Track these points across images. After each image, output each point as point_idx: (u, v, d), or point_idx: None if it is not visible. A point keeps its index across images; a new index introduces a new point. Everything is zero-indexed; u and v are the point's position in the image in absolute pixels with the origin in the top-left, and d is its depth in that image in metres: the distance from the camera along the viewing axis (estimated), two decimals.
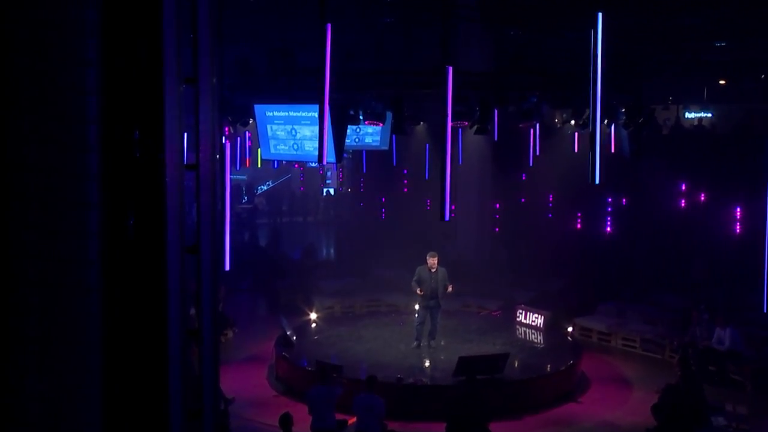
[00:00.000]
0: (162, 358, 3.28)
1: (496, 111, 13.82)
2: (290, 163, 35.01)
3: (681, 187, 17.27)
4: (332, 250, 26.25)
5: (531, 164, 17.07)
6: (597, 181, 7.77)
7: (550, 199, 19.74)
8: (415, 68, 14.84)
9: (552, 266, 17.97)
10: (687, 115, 23.60)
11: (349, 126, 12.67)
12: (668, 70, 17.53)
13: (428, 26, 15.97)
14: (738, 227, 16.08)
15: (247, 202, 36.12)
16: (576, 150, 16.03)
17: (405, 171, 21.98)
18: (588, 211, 18.81)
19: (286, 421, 8.96)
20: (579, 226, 19.09)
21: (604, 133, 13.48)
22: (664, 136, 19.85)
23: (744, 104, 20.86)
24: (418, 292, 12.47)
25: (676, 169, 17.13)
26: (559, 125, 16.28)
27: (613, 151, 13.93)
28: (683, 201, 17.29)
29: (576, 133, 15.87)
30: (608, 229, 18.38)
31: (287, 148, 13.31)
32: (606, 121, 12.88)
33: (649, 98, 13.38)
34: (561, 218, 19.29)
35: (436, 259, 12.55)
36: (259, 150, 14.65)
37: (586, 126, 13.07)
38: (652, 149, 15.28)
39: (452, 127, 9.98)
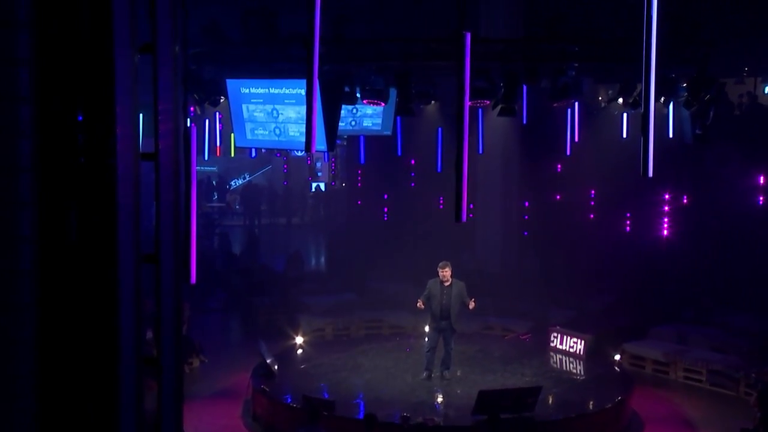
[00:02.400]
0: (111, 393, 3.25)
1: (525, 87, 13.79)
2: (271, 151, 35.14)
3: (758, 180, 17.22)
4: (323, 260, 26.23)
5: (568, 153, 17.04)
6: (650, 174, 7.73)
7: (592, 195, 19.70)
8: (425, 35, 14.81)
9: (594, 279, 17.93)
10: (767, 90, 23.47)
11: (343, 106, 12.65)
12: (743, 34, 17.39)
13: None
14: None
15: (218, 200, 36.16)
16: (625, 135, 16.00)
17: (412, 161, 21.96)
18: (639, 211, 18.77)
19: None
20: (628, 229, 19.05)
21: (661, 114, 13.44)
22: (737, 116, 19.77)
23: None
24: (419, 305, 12.47)
25: (752, 158, 17.07)
26: (603, 104, 16.24)
27: (671, 136, 13.90)
28: (761, 198, 17.24)
29: (625, 114, 15.84)
30: (665, 233, 18.34)
31: (267, 133, 13.30)
32: (663, 98, 12.84)
33: (717, 69, 13.29)
34: (606, 220, 19.25)
35: (448, 270, 12.52)
36: (232, 136, 14.63)
37: (637, 105, 13.06)
38: (722, 133, 15.23)
39: (471, 108, 9.95)
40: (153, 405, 3.57)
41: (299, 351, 14.67)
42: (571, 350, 14.27)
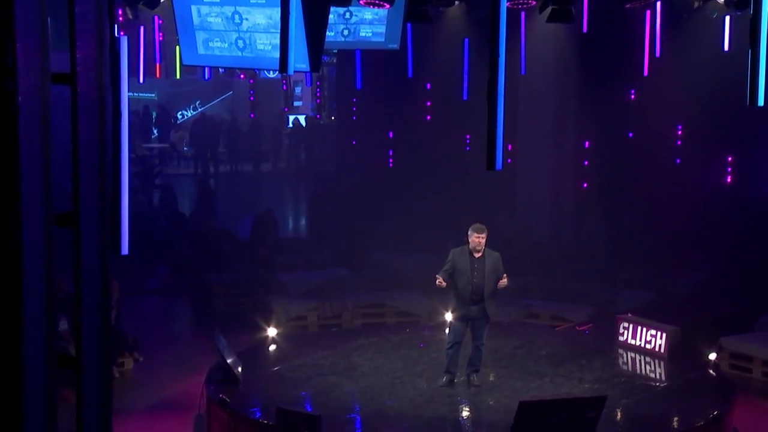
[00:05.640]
0: (11, 408, 3.27)
1: None
2: (232, 72, 34.97)
3: None
4: (304, 222, 26.27)
5: (646, 74, 16.97)
6: (761, 102, 7.71)
7: (679, 133, 19.66)
8: None
9: (681, 249, 17.94)
10: None
11: (332, 9, 12.57)
12: None
13: None
14: None
15: (159, 139, 36.12)
16: (726, 48, 15.90)
17: (428, 86, 21.91)
18: (746, 154, 18.74)
19: None
20: (729, 179, 19.04)
21: None
22: None
23: None
24: (438, 283, 12.45)
25: None
26: (696, 5, 16.14)
27: None
28: None
29: (727, 19, 15.72)
30: None
31: (227, 46, 13.23)
32: None
33: None
34: (698, 166, 19.22)
35: (484, 236, 12.51)
36: (178, 49, 14.55)
37: (744, 6, 12.97)
38: None
39: (510, 11, 9.89)
40: (71, 422, 3.59)
41: (272, 347, 14.73)
42: (648, 347, 14.30)
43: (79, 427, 3.54)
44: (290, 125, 36.73)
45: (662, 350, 14.16)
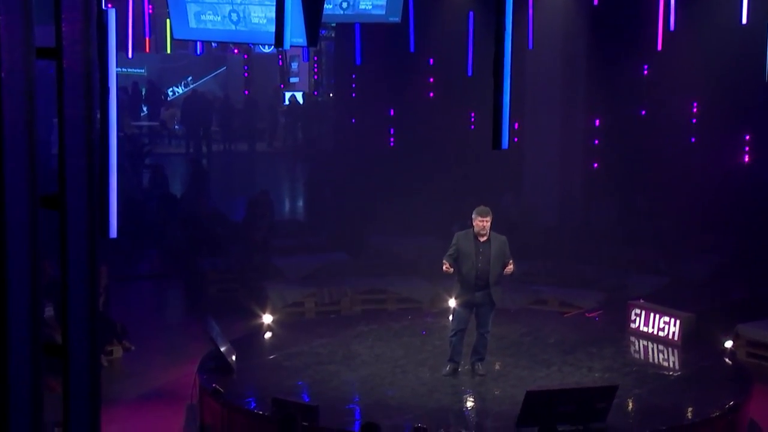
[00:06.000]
0: None
1: None
2: (225, 46, 34.91)
3: None
4: (301, 204, 26.26)
5: (659, 48, 16.92)
6: None
7: (694, 110, 19.63)
8: None
9: (697, 232, 17.92)
10: None
11: None
12: None
13: None
14: None
15: (149, 117, 36.08)
16: (744, 21, 15.87)
17: (431, 61, 21.85)
18: (763, 133, 18.71)
19: None
20: (747, 158, 19.01)
21: None
22: None
23: None
24: (446, 268, 12.46)
25: None
26: None
27: None
28: None
29: None
30: None
31: (220, 19, 13.21)
32: None
33: None
34: (714, 145, 19.20)
35: (488, 220, 12.51)
36: (168, 23, 14.53)
37: None
38: None
39: None
40: (57, 413, 3.59)
41: (267, 335, 14.74)
42: (661, 334, 14.31)
43: (66, 417, 3.54)
44: (286, 102, 36.67)
45: (676, 338, 14.17)
